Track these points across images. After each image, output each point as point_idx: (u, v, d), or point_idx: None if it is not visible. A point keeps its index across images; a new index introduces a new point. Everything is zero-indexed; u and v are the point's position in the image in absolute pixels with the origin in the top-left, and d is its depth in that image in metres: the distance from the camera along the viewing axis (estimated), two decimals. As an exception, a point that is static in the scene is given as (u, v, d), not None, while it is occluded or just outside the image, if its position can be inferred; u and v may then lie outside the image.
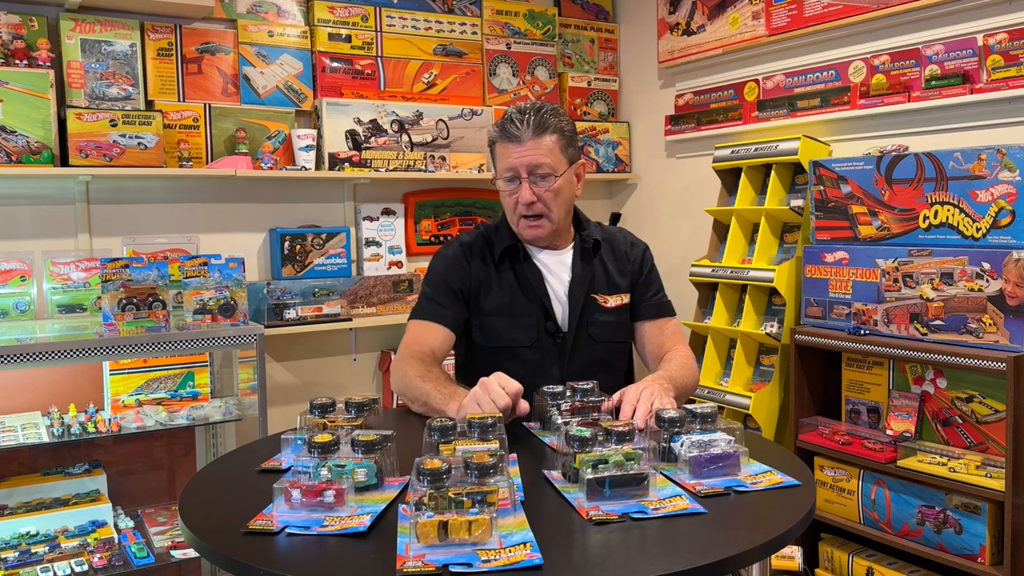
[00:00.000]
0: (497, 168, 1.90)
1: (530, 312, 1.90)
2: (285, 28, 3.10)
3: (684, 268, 3.24)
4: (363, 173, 3.11)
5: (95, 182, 2.76)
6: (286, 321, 2.93)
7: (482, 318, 1.91)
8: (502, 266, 1.93)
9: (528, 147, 1.82)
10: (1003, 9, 2.43)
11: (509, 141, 1.84)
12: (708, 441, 1.30)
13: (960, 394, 2.37)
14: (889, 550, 2.51)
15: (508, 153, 1.84)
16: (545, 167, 1.82)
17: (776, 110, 3.04)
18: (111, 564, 2.39)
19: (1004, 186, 2.19)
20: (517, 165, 1.83)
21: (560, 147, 1.85)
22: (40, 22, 2.65)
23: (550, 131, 1.83)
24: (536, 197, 1.83)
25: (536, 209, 1.85)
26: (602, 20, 3.85)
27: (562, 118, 1.87)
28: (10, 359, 2.20)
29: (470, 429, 1.31)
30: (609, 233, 2.05)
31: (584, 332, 1.92)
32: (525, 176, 1.83)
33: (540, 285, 1.92)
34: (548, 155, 1.83)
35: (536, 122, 1.82)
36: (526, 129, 1.82)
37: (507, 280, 1.92)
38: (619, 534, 1.09)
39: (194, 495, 1.31)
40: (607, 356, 1.95)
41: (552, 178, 1.83)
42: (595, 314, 1.92)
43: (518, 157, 1.82)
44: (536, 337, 1.90)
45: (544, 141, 1.82)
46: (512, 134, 1.83)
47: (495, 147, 1.90)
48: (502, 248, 1.93)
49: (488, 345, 1.91)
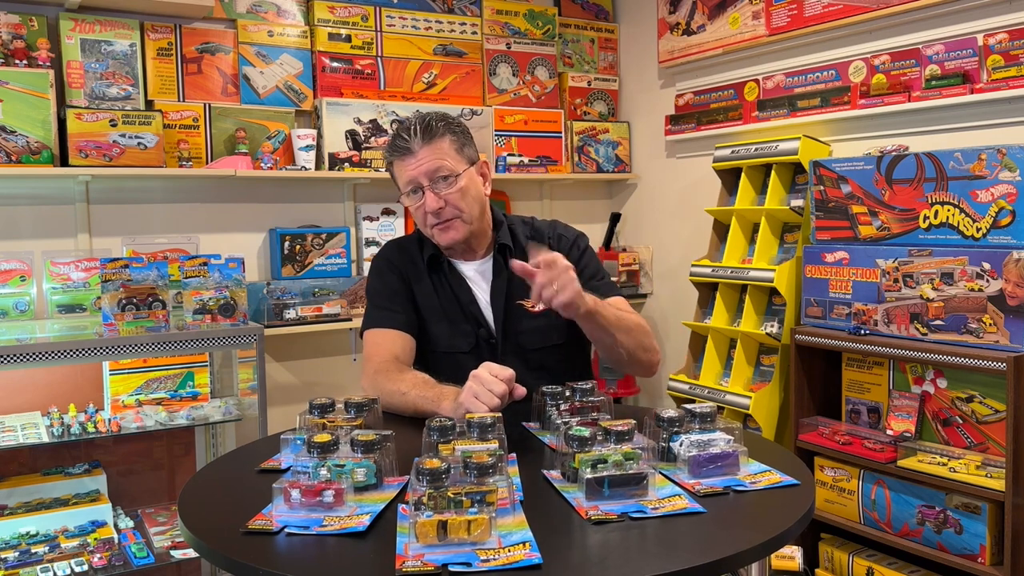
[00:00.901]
0: (399, 185, 1.86)
1: (465, 319, 1.88)
2: (285, 28, 3.10)
3: (684, 268, 3.24)
4: (363, 173, 3.11)
5: (95, 182, 2.76)
6: (286, 321, 2.93)
7: (422, 322, 1.90)
8: (432, 274, 1.92)
9: (421, 156, 1.78)
10: (1003, 9, 2.43)
11: (402, 156, 1.80)
12: (707, 441, 1.30)
13: (960, 394, 2.37)
14: (889, 550, 2.51)
15: (404, 167, 1.80)
16: (444, 169, 1.79)
17: (776, 110, 3.04)
18: (111, 564, 2.39)
19: (1004, 186, 2.19)
20: (415, 175, 1.79)
21: (455, 148, 1.82)
22: (40, 22, 2.65)
23: (439, 135, 1.80)
24: (443, 202, 1.79)
25: (445, 214, 1.80)
26: (602, 20, 3.85)
27: (451, 121, 1.85)
28: (10, 359, 2.20)
29: (469, 429, 1.31)
30: (535, 230, 1.99)
31: (513, 340, 1.88)
32: (426, 184, 1.79)
33: (466, 294, 1.89)
34: (444, 157, 1.79)
35: (423, 129, 1.79)
36: (415, 139, 1.79)
37: (439, 286, 1.91)
38: (618, 534, 1.09)
39: (194, 495, 1.31)
40: (544, 361, 1.89)
41: (453, 179, 1.80)
42: (523, 321, 1.87)
43: (414, 168, 1.78)
44: (474, 343, 1.87)
45: (436, 146, 1.79)
46: (403, 148, 1.80)
47: (392, 168, 1.86)
48: (428, 256, 1.91)
49: (433, 350, 1.90)
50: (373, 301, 1.92)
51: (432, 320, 1.90)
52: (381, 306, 1.90)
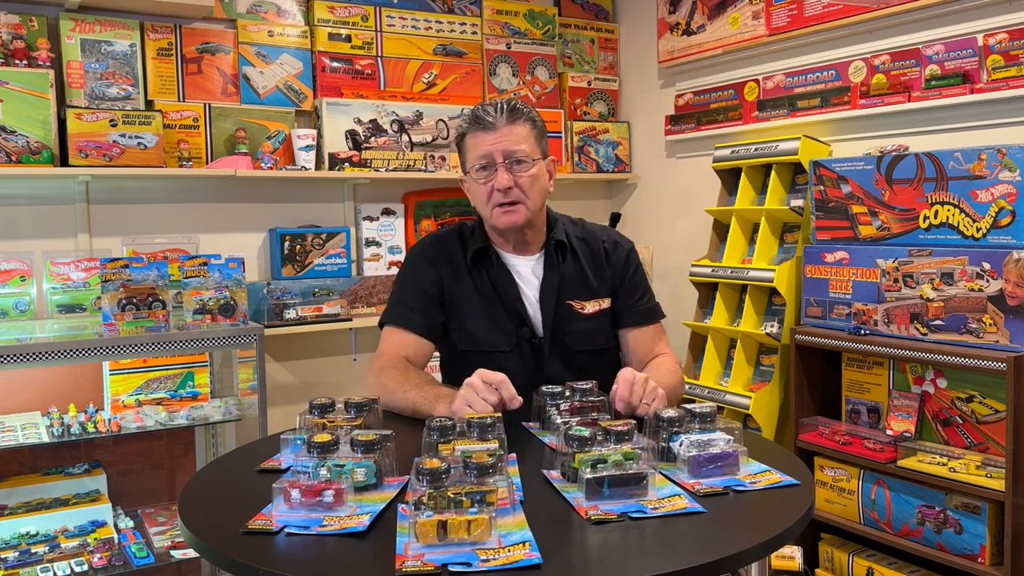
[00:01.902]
0: (468, 159, 1.84)
1: (507, 317, 1.85)
2: (285, 28, 3.10)
3: (684, 268, 3.24)
4: (363, 173, 3.11)
5: (95, 182, 2.76)
6: (286, 321, 2.93)
7: (460, 320, 1.86)
8: (475, 269, 1.88)
9: (502, 132, 1.78)
10: (1003, 9, 2.43)
11: (482, 129, 1.79)
12: (707, 440, 1.30)
13: (960, 394, 2.37)
14: (889, 550, 2.51)
15: (481, 141, 1.79)
16: (521, 152, 1.78)
17: (776, 110, 3.04)
18: (111, 564, 2.39)
19: (1004, 186, 2.19)
20: (492, 151, 1.77)
21: (534, 136, 1.82)
22: (40, 22, 2.65)
23: (523, 119, 1.80)
24: (512, 182, 1.78)
25: (513, 195, 1.78)
26: (602, 20, 3.85)
27: (534, 111, 1.85)
28: (10, 359, 2.20)
29: (469, 429, 1.31)
30: (588, 232, 1.97)
31: (560, 340, 1.86)
32: (500, 161, 1.77)
33: (513, 290, 1.86)
34: (523, 141, 1.79)
35: (510, 109, 1.79)
36: (500, 116, 1.78)
37: (481, 283, 1.87)
38: (618, 533, 1.08)
39: (194, 495, 1.31)
40: (586, 364, 1.86)
41: (528, 163, 1.79)
42: (571, 322, 1.86)
43: (492, 143, 1.77)
44: (515, 343, 1.84)
45: (518, 128, 1.79)
46: (486, 122, 1.78)
47: (465, 140, 1.84)
48: (475, 249, 1.88)
49: (467, 349, 1.86)
50: (399, 296, 1.89)
51: (469, 316, 1.86)
52: (405, 303, 1.86)
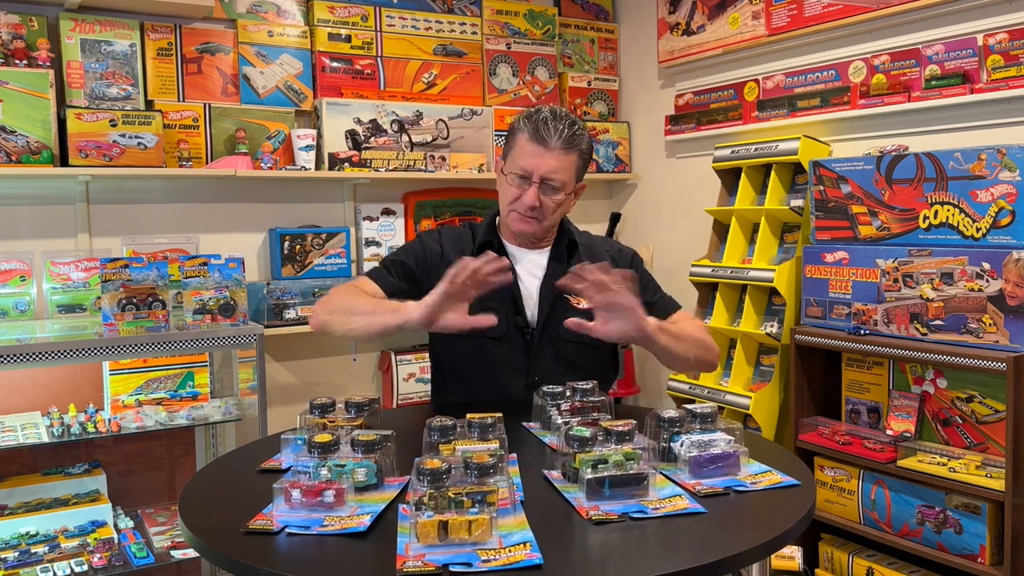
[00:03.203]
0: (511, 156, 1.89)
1: (500, 305, 1.88)
2: (285, 28, 3.10)
3: (684, 268, 3.24)
4: (363, 173, 3.11)
5: (95, 182, 2.76)
6: (286, 321, 2.93)
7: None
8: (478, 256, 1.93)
9: (552, 157, 1.82)
10: (1003, 9, 2.43)
11: (536, 143, 1.83)
12: (708, 441, 1.30)
13: (960, 394, 2.37)
14: (889, 550, 2.51)
15: (530, 154, 1.83)
16: (558, 181, 1.84)
17: (776, 110, 3.04)
18: (111, 564, 2.39)
19: (1004, 186, 2.19)
20: (533, 170, 1.83)
21: (576, 167, 1.88)
22: (40, 22, 2.65)
23: (575, 149, 1.85)
24: (539, 202, 1.84)
25: (534, 214, 1.86)
26: (602, 20, 3.85)
27: (589, 140, 1.90)
28: (10, 359, 2.20)
29: (470, 429, 1.31)
30: (592, 241, 2.05)
31: (552, 331, 1.90)
32: (537, 181, 1.83)
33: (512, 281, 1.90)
34: (565, 171, 1.84)
35: (568, 136, 1.83)
36: (558, 140, 1.82)
37: None
38: (619, 534, 1.09)
39: (194, 495, 1.31)
40: (575, 357, 1.92)
41: (560, 192, 1.86)
42: (565, 314, 1.85)
43: (538, 163, 1.82)
44: (505, 330, 1.87)
45: (568, 157, 1.84)
46: (543, 138, 1.82)
47: (516, 137, 1.88)
48: (479, 242, 1.94)
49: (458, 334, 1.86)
50: (391, 258, 1.96)
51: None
52: (390, 269, 1.93)
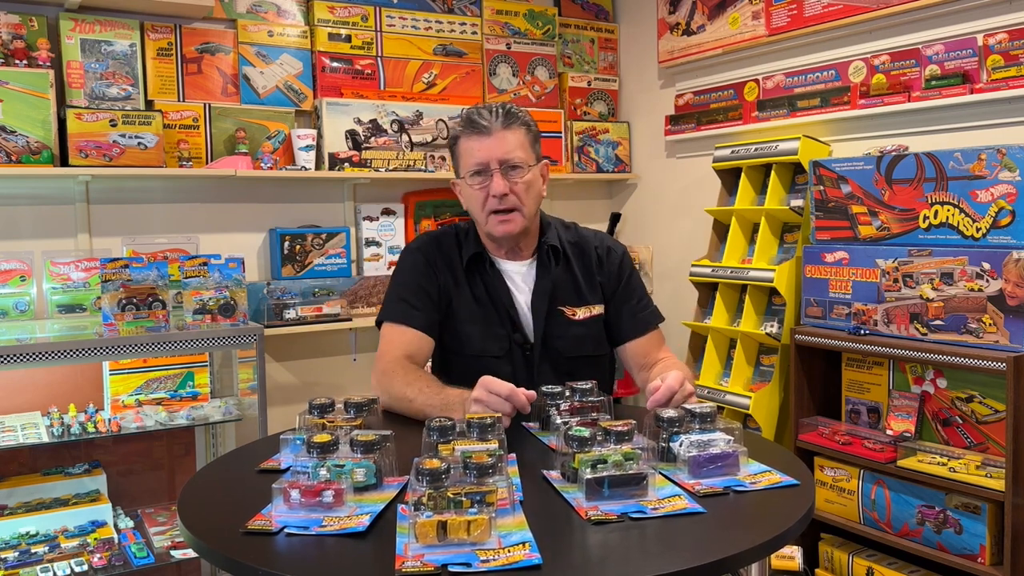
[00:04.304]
0: (462, 164, 1.82)
1: (500, 322, 1.84)
2: (285, 28, 3.10)
3: (684, 268, 3.24)
4: (363, 173, 3.11)
5: (95, 182, 2.76)
6: (286, 321, 2.93)
7: (455, 324, 1.85)
8: (470, 274, 1.87)
9: (497, 138, 1.76)
10: (1003, 9, 2.42)
11: (477, 134, 1.78)
12: (707, 441, 1.30)
13: (960, 394, 2.37)
14: (889, 550, 2.51)
15: (476, 146, 1.77)
16: (516, 158, 1.77)
17: (776, 110, 3.04)
18: (111, 564, 2.39)
19: (1004, 186, 2.19)
20: (487, 157, 1.76)
21: (529, 141, 1.81)
22: (40, 22, 2.65)
23: (518, 124, 1.79)
24: (508, 189, 1.76)
25: (509, 202, 1.77)
26: (602, 20, 3.85)
27: (528, 115, 1.84)
28: (10, 359, 2.20)
29: (469, 429, 1.31)
30: (581, 237, 1.95)
31: (551, 345, 1.85)
32: (496, 167, 1.76)
33: (506, 295, 1.85)
34: (518, 147, 1.78)
35: (505, 114, 1.78)
36: (495, 120, 1.77)
37: (476, 288, 1.86)
38: (618, 534, 1.08)
39: (193, 495, 1.31)
40: (577, 370, 1.83)
41: (523, 170, 1.78)
42: (562, 327, 1.85)
43: (488, 149, 1.76)
44: (507, 348, 1.83)
45: (513, 133, 1.78)
46: (480, 126, 1.77)
47: (459, 144, 1.83)
48: (469, 255, 1.86)
49: (461, 352, 1.85)
50: (398, 292, 1.86)
51: (466, 321, 1.84)
52: (404, 299, 1.84)
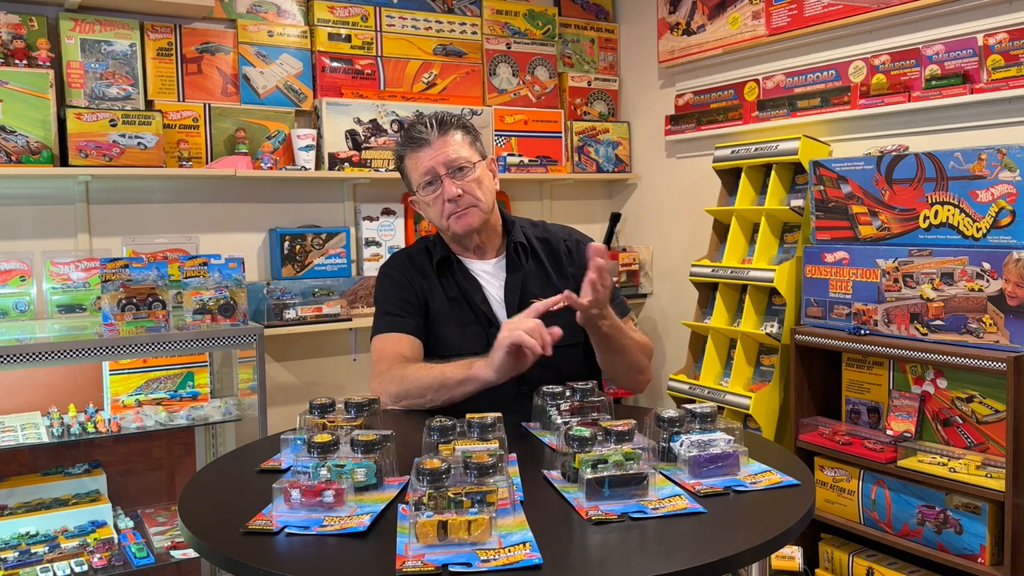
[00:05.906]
0: (413, 179, 1.89)
1: (476, 320, 1.88)
2: (285, 28, 3.10)
3: (684, 268, 3.24)
4: (363, 173, 3.11)
5: (95, 182, 2.76)
6: (286, 321, 2.93)
7: (433, 328, 1.90)
8: (442, 277, 1.92)
9: (438, 146, 1.83)
10: (1003, 9, 2.43)
11: (418, 147, 1.84)
12: (707, 441, 1.30)
13: (960, 394, 2.37)
14: (889, 550, 2.51)
15: (420, 159, 1.84)
16: (460, 160, 1.83)
17: (776, 110, 3.04)
18: (111, 564, 2.39)
19: (1004, 186, 2.19)
20: (433, 165, 1.82)
21: (468, 142, 1.87)
22: (40, 22, 2.65)
23: (453, 127, 1.86)
24: (460, 190, 1.82)
25: (463, 202, 1.83)
26: (602, 20, 3.85)
27: (461, 117, 1.90)
28: (10, 359, 2.20)
29: (469, 429, 1.31)
30: (549, 232, 2.01)
31: None
32: (444, 172, 1.82)
33: (479, 293, 1.90)
34: (460, 149, 1.84)
35: (438, 122, 1.84)
36: (431, 131, 1.83)
37: (450, 290, 1.91)
38: (618, 534, 1.08)
39: (194, 495, 1.31)
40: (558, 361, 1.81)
41: (470, 169, 1.84)
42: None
43: (431, 158, 1.82)
44: (486, 344, 1.82)
45: (451, 137, 1.84)
46: (420, 139, 1.84)
47: (404, 162, 1.89)
48: (438, 259, 1.92)
49: (442, 354, 1.87)
50: (382, 308, 1.92)
51: (443, 324, 1.89)
52: (389, 312, 1.90)
